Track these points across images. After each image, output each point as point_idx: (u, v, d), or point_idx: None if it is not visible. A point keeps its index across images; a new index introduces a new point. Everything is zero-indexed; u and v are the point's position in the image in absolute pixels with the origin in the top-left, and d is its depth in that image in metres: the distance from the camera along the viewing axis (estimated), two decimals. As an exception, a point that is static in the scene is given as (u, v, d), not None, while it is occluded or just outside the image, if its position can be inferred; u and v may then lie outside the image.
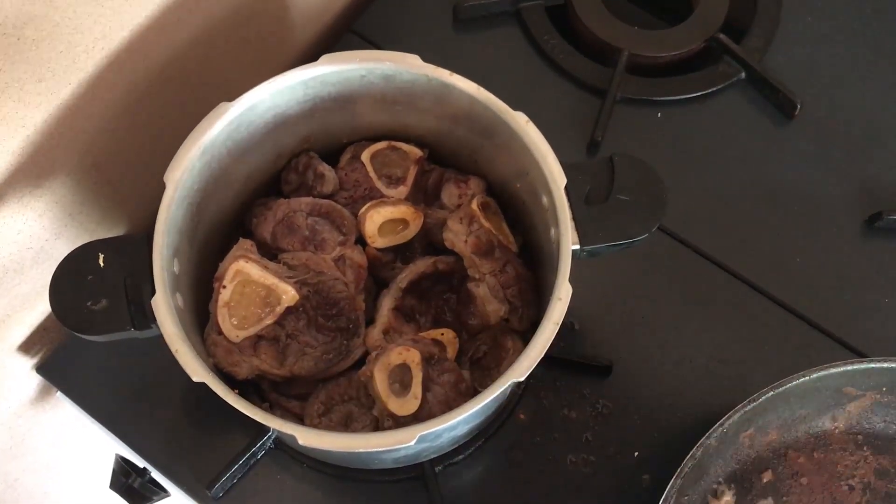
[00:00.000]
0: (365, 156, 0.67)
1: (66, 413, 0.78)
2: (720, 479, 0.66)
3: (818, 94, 0.83)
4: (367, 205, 0.65)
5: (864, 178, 0.80)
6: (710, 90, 0.83)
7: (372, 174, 0.67)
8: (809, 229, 0.77)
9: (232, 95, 0.59)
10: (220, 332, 0.58)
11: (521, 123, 0.58)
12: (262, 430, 0.64)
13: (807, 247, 0.77)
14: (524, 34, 0.86)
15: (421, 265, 0.64)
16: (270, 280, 0.59)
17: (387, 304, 0.63)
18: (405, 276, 0.64)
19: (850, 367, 0.63)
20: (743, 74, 0.83)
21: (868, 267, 0.76)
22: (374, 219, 0.64)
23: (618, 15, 0.86)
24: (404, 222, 0.65)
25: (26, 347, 0.71)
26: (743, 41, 0.85)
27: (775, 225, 0.78)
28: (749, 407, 0.61)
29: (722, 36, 0.84)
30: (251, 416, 0.51)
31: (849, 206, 0.78)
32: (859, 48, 0.86)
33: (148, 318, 0.54)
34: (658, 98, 0.83)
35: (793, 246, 0.77)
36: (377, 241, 0.64)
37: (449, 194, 0.67)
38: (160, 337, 0.52)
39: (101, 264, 0.55)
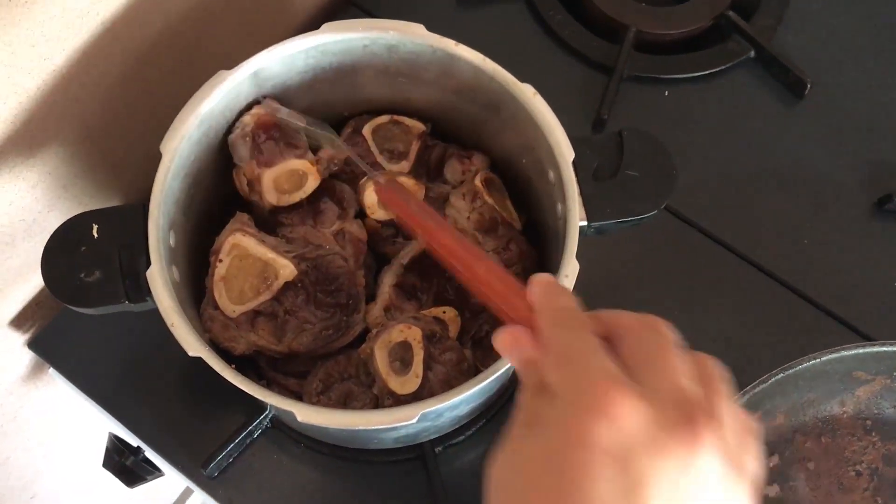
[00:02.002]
0: (366, 130, 0.66)
1: (58, 390, 0.77)
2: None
3: (829, 74, 0.81)
4: (367, 177, 0.63)
5: (874, 160, 0.78)
6: (718, 69, 0.81)
7: (373, 148, 0.65)
8: (818, 211, 0.76)
9: (230, 64, 0.57)
10: (217, 307, 0.56)
11: (529, 96, 0.57)
12: (259, 407, 0.64)
13: (815, 229, 0.75)
14: (529, 9, 0.85)
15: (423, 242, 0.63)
16: (268, 254, 0.57)
17: (388, 280, 0.61)
18: (407, 253, 0.62)
19: (860, 351, 0.62)
20: (752, 53, 0.82)
21: (877, 250, 0.75)
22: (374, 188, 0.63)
23: (625, -9, 0.84)
24: (406, 194, 0.64)
25: (18, 323, 0.69)
26: (752, 19, 0.84)
27: (783, 206, 0.76)
28: (757, 389, 0.60)
29: (731, 13, 0.83)
30: (248, 392, 0.49)
31: (858, 188, 0.77)
32: (871, 27, 0.85)
33: (143, 291, 0.52)
34: (665, 76, 0.81)
35: (801, 228, 0.75)
36: (377, 213, 0.63)
37: (452, 170, 0.66)
38: (155, 311, 0.51)
39: (95, 235, 0.54)
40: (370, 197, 0.63)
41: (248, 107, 0.61)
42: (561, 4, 0.85)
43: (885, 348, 0.63)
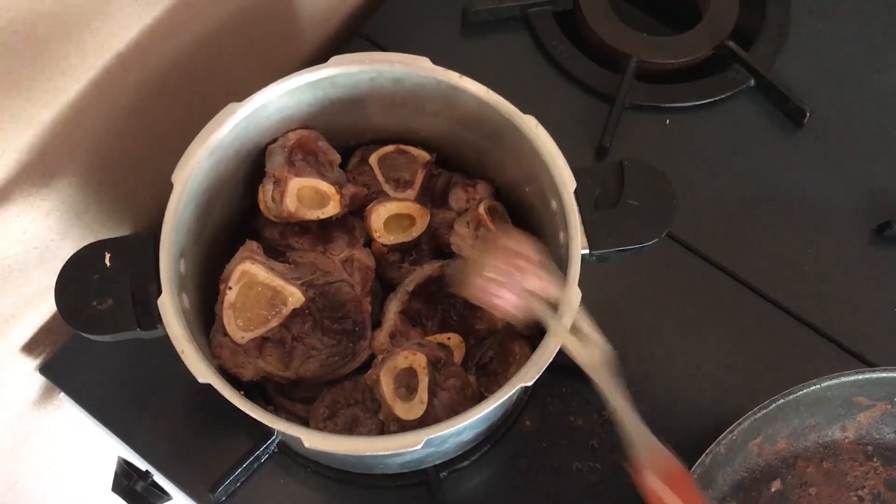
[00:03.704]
0: (373, 159, 0.67)
1: (68, 414, 0.77)
2: (727, 488, 0.65)
3: (828, 102, 0.83)
4: (374, 201, 0.65)
5: (873, 187, 0.79)
6: (718, 97, 0.83)
7: (380, 177, 0.67)
8: (818, 238, 0.77)
9: (240, 96, 0.58)
10: (226, 334, 0.57)
11: (531, 127, 0.58)
12: (267, 433, 0.64)
13: (815, 255, 0.76)
14: (532, 39, 0.86)
15: (428, 269, 0.64)
16: (276, 282, 0.58)
17: (393, 307, 0.62)
18: (412, 280, 0.63)
19: (861, 377, 0.63)
20: (752, 82, 0.83)
21: (877, 276, 0.75)
22: (380, 212, 0.64)
23: (626, 21, 0.86)
24: (410, 218, 0.65)
25: (29, 348, 0.70)
26: (752, 48, 0.85)
27: (784, 233, 0.77)
28: (759, 414, 0.61)
29: (731, 43, 0.84)
30: (256, 418, 0.50)
31: (858, 214, 0.78)
32: (869, 55, 0.86)
33: (154, 319, 0.53)
34: (666, 105, 0.82)
35: (801, 254, 0.76)
36: (383, 237, 0.64)
37: (456, 198, 0.67)
38: (165, 338, 0.52)
39: (108, 264, 0.55)
40: (376, 220, 0.64)
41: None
42: (563, 35, 0.86)
43: (885, 374, 0.63)
